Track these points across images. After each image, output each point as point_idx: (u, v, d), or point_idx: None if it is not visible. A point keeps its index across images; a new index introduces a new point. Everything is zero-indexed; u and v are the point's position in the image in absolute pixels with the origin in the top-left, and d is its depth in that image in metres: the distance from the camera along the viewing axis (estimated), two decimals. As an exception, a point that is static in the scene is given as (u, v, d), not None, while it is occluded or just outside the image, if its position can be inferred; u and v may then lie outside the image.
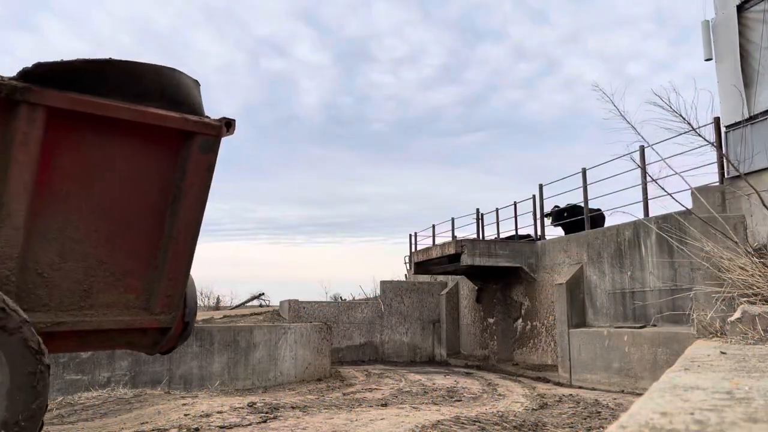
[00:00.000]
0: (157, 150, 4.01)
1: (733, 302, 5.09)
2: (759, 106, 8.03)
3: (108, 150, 3.82)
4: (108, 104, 3.68)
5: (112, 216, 3.94)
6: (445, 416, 5.91)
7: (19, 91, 3.39)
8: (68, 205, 3.75)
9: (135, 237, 4.04)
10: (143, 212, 4.05)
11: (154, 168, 4.03)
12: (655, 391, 1.76)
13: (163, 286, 4.25)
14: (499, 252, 13.54)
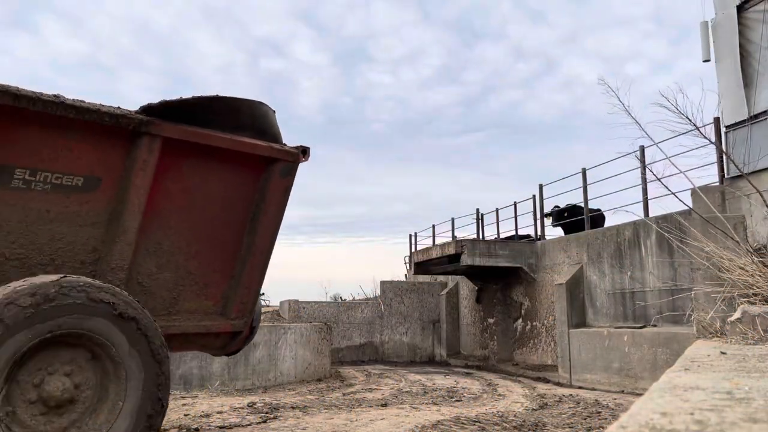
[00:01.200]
0: (244, 174, 4.52)
1: (733, 302, 5.09)
2: (759, 106, 8.03)
3: (205, 174, 4.34)
4: (212, 135, 4.21)
5: (202, 232, 4.44)
6: (445, 416, 5.91)
7: (144, 124, 3.90)
8: (168, 222, 4.25)
9: (218, 250, 4.54)
10: (227, 228, 4.55)
11: (240, 189, 4.53)
12: (655, 391, 1.76)
13: (239, 294, 4.73)
14: (499, 252, 13.54)
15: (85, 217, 3.92)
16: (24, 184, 3.68)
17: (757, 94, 8.07)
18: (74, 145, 3.79)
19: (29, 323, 3.27)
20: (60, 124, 3.70)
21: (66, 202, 3.85)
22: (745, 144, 8.08)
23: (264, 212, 4.60)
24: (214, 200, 4.42)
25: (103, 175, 3.92)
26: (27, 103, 3.53)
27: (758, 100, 8.05)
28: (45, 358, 3.48)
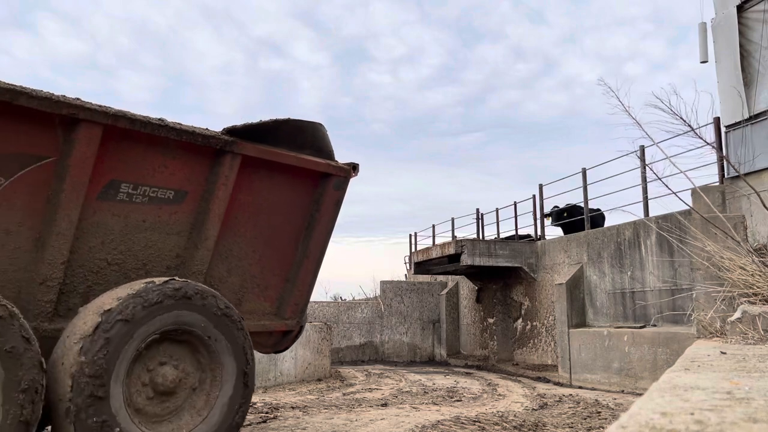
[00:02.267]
0: (303, 187, 5.03)
1: (733, 302, 5.09)
2: (759, 106, 8.03)
3: (271, 187, 4.83)
4: (282, 153, 4.72)
5: (265, 239, 4.91)
6: (445, 416, 5.91)
7: (228, 144, 4.41)
8: (239, 230, 4.73)
9: (277, 256, 5.01)
10: (285, 236, 5.04)
11: (299, 201, 5.04)
12: (655, 391, 1.76)
13: (293, 296, 5.20)
14: (499, 252, 13.54)
15: (172, 227, 4.40)
16: (127, 197, 4.16)
17: (757, 94, 8.07)
18: (169, 162, 4.28)
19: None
20: (160, 143, 4.19)
21: (158, 213, 4.32)
22: (745, 144, 8.08)
23: (318, 221, 5.13)
24: (276, 210, 4.92)
25: (190, 188, 4.41)
26: (139, 126, 4.01)
27: (758, 100, 8.05)
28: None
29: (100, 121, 3.85)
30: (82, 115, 3.77)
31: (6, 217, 3.74)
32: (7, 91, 3.50)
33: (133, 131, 4.01)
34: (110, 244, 4.17)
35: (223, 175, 4.43)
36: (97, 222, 4.06)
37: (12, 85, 3.57)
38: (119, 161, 4.04)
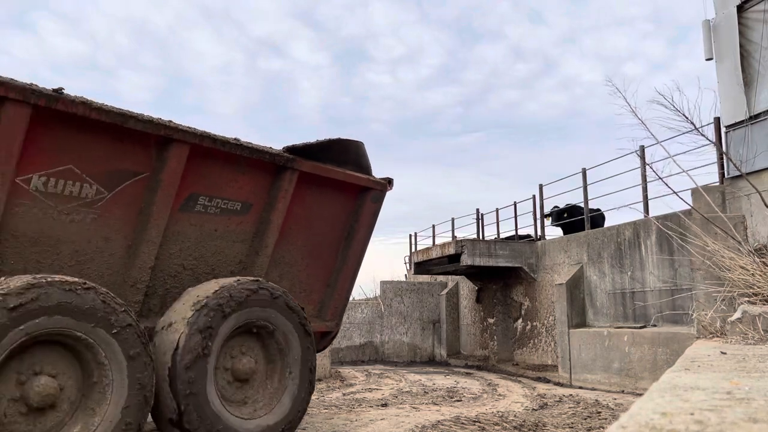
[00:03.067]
0: (346, 199, 5.54)
1: (733, 302, 5.09)
2: (759, 106, 8.02)
3: (320, 200, 5.32)
4: (332, 169, 5.25)
5: (311, 247, 5.39)
6: (445, 416, 5.91)
7: (289, 161, 4.92)
8: (291, 239, 5.20)
9: (321, 262, 5.48)
10: (328, 244, 5.53)
11: (341, 213, 5.54)
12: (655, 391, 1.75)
13: (334, 299, 5.69)
14: (499, 252, 13.54)
15: (238, 235, 4.87)
16: (203, 209, 4.60)
17: (758, 94, 8.06)
18: (239, 177, 4.74)
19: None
20: (234, 160, 4.64)
21: (227, 223, 4.78)
22: (745, 144, 8.08)
23: (357, 231, 5.65)
24: (322, 221, 5.41)
25: (254, 200, 4.88)
26: (219, 145, 4.47)
27: (758, 100, 8.04)
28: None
29: (188, 140, 4.30)
30: (175, 136, 4.21)
31: (106, 226, 4.14)
32: (119, 114, 3.91)
33: (214, 149, 4.47)
34: (186, 250, 4.63)
35: (283, 189, 4.93)
36: (177, 231, 4.50)
37: (122, 110, 3.96)
38: (199, 176, 4.49)
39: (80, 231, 4.02)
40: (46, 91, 3.63)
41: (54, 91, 3.68)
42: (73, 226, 3.98)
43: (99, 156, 3.98)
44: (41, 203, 3.81)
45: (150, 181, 4.22)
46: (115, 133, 3.99)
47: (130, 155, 4.11)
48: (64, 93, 3.70)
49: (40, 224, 3.82)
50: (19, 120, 3.52)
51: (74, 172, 3.88)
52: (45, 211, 3.84)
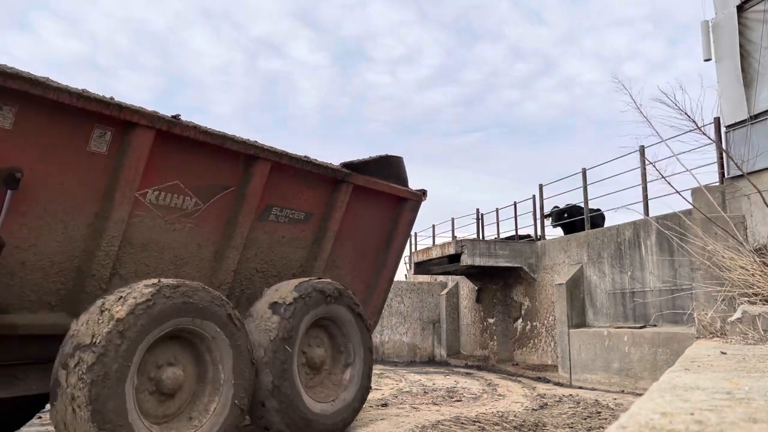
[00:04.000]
0: (387, 208, 6.14)
1: (733, 302, 5.09)
2: (759, 106, 8.02)
3: (366, 208, 5.90)
4: (378, 182, 5.93)
5: (357, 252, 5.97)
6: (445, 416, 5.90)
7: (346, 176, 5.58)
8: (342, 245, 5.78)
9: (364, 266, 6.08)
10: (371, 249, 6.14)
11: (382, 220, 6.16)
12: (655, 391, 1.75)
13: (373, 299, 6.28)
14: (499, 252, 13.54)
15: (300, 242, 5.44)
16: (275, 218, 5.17)
17: (757, 94, 8.06)
18: (304, 189, 5.32)
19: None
20: (302, 175, 5.24)
21: (293, 231, 5.35)
22: (744, 144, 8.08)
23: (395, 237, 6.27)
24: (367, 228, 6.00)
25: (315, 210, 5.46)
26: (294, 162, 5.08)
27: (758, 100, 8.04)
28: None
29: (270, 158, 4.86)
30: (260, 155, 4.78)
31: (200, 234, 4.67)
32: (219, 136, 4.47)
33: (289, 166, 5.06)
34: (260, 255, 5.16)
35: (339, 200, 5.56)
36: (254, 238, 5.04)
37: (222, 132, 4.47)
38: (275, 189, 5.04)
39: (179, 238, 4.54)
40: (167, 117, 4.13)
41: (173, 117, 4.19)
42: (174, 234, 4.49)
43: (199, 172, 4.53)
44: (153, 214, 4.32)
45: (237, 193, 4.78)
46: (213, 152, 4.54)
47: (222, 171, 4.66)
48: (180, 119, 4.25)
49: (150, 233, 4.34)
50: (145, 143, 4.03)
51: (179, 186, 4.43)
52: (155, 221, 4.35)
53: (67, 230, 3.90)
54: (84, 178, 3.89)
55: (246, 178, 4.78)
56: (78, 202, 3.91)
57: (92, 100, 3.76)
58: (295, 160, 5.08)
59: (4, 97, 3.40)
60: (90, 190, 3.94)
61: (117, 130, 3.94)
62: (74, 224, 3.92)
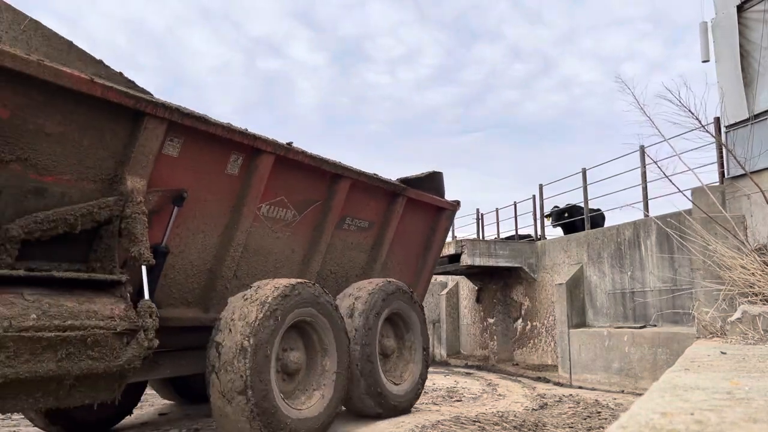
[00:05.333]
0: (427, 217, 6.91)
1: (733, 301, 5.09)
2: (759, 106, 8.02)
3: (412, 217, 6.63)
4: (425, 194, 6.71)
5: (403, 255, 6.72)
6: (445, 416, 5.90)
7: (403, 190, 6.36)
8: (393, 250, 6.50)
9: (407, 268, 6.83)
10: (414, 253, 6.90)
11: (424, 228, 6.91)
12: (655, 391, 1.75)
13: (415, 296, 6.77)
14: (499, 252, 13.54)
15: (362, 247, 6.18)
16: (347, 226, 5.88)
17: (757, 94, 8.06)
18: (370, 202, 6.05)
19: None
20: (370, 190, 5.98)
21: (359, 238, 6.08)
22: (745, 144, 8.08)
23: (433, 242, 7.04)
24: (412, 234, 6.72)
25: (376, 220, 6.19)
26: (366, 179, 5.85)
27: (758, 100, 8.04)
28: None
29: (351, 176, 5.61)
30: (344, 174, 5.54)
31: (294, 241, 5.38)
32: (318, 159, 5.22)
33: (363, 182, 5.81)
34: (334, 259, 5.87)
35: (395, 211, 6.31)
36: (332, 243, 5.75)
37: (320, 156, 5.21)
38: (350, 202, 5.73)
39: (280, 244, 5.26)
40: (284, 144, 4.94)
41: (287, 144, 4.98)
42: (277, 241, 5.22)
43: (297, 188, 5.26)
44: (264, 225, 5.05)
45: (323, 206, 5.52)
46: (308, 171, 5.26)
47: (314, 187, 5.38)
48: (293, 145, 5.04)
49: (261, 240, 5.06)
50: (266, 166, 4.77)
51: (284, 201, 5.16)
52: (264, 231, 5.08)
53: (205, 239, 4.63)
54: (220, 196, 4.63)
55: (331, 193, 5.54)
56: (214, 215, 4.65)
57: (235, 132, 4.47)
58: (368, 177, 5.89)
59: (176, 132, 4.09)
60: (223, 205, 4.68)
61: (247, 155, 4.68)
62: (210, 234, 4.66)
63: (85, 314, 3.51)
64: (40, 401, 3.43)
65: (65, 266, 3.74)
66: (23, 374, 3.19)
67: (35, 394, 3.37)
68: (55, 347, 3.32)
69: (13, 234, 3.37)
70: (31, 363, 3.22)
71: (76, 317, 3.45)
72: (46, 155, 3.49)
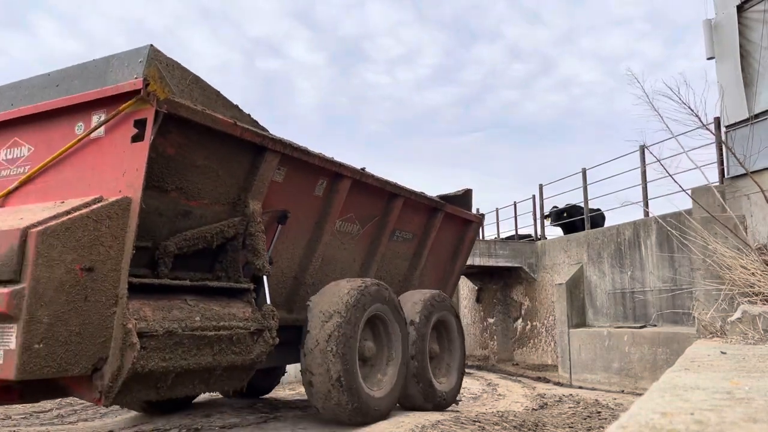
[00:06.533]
0: (457, 230, 7.58)
1: (733, 301, 5.09)
2: (759, 106, 8.02)
3: (446, 230, 7.26)
4: (459, 209, 7.40)
5: (435, 263, 7.33)
6: (445, 416, 5.89)
7: (441, 206, 7.00)
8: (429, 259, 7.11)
9: (438, 274, 7.48)
10: (444, 261, 7.57)
11: (453, 238, 7.56)
12: (655, 391, 1.76)
13: None
14: (499, 252, 13.54)
15: (405, 256, 6.83)
16: (396, 238, 6.54)
17: (758, 94, 8.06)
18: (413, 216, 6.67)
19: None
20: (415, 206, 6.59)
21: (403, 248, 6.75)
22: (745, 144, 8.08)
23: (461, 252, 7.76)
24: (443, 244, 7.34)
25: (417, 232, 6.84)
26: (415, 196, 6.49)
27: (758, 100, 8.04)
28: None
29: (405, 195, 6.28)
30: (401, 193, 6.22)
31: (355, 251, 6.04)
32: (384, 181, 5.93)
33: (412, 199, 6.43)
34: (384, 267, 6.50)
35: (434, 225, 6.94)
36: (383, 253, 6.37)
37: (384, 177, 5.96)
38: (400, 217, 6.35)
39: (345, 255, 5.93)
40: (359, 169, 5.63)
41: (362, 169, 5.67)
42: (343, 252, 5.89)
43: (363, 205, 5.89)
44: (336, 238, 5.70)
45: (380, 221, 6.18)
46: (373, 191, 5.93)
47: (374, 204, 6.04)
48: (365, 170, 5.73)
49: (333, 251, 5.72)
50: (345, 188, 5.46)
51: (352, 217, 5.84)
52: (335, 243, 5.73)
53: (294, 250, 5.34)
54: (307, 214, 5.34)
55: (387, 210, 6.22)
56: (302, 231, 5.35)
57: (326, 161, 5.18)
58: (417, 195, 6.55)
59: (284, 162, 4.78)
60: (309, 222, 5.38)
61: (330, 179, 5.37)
62: (299, 246, 5.37)
63: (229, 316, 4.23)
64: (197, 388, 4.28)
65: (198, 275, 4.39)
66: (192, 366, 3.91)
67: (195, 381, 4.13)
68: (212, 344, 4.05)
69: (170, 249, 4.08)
70: (197, 357, 3.94)
71: (224, 319, 4.17)
72: (193, 184, 4.20)
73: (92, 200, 3.52)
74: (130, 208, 3.55)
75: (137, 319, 3.56)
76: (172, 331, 3.72)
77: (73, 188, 3.77)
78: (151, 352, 3.59)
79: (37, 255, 3.16)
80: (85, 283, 3.38)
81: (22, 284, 3.14)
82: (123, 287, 3.52)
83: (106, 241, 3.46)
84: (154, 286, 3.87)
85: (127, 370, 3.47)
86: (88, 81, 3.84)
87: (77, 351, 3.37)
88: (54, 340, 3.25)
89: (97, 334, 3.44)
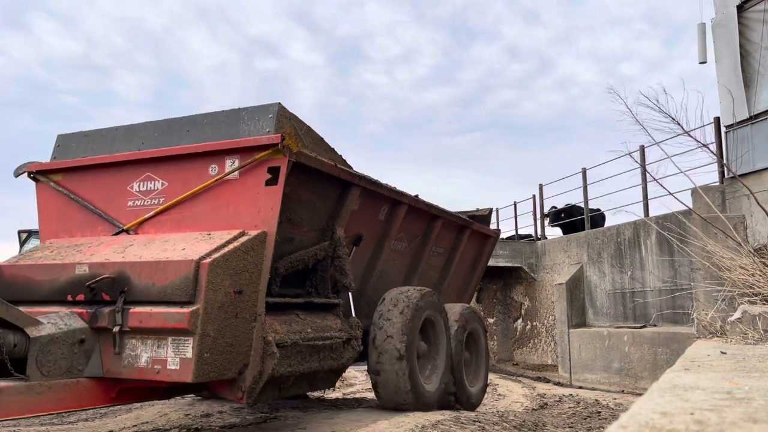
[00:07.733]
0: (478, 243, 8.19)
1: (733, 302, 5.09)
2: (759, 106, 8.03)
3: (469, 243, 7.80)
4: (482, 226, 8.10)
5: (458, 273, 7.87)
6: (445, 416, 5.89)
7: (470, 224, 7.64)
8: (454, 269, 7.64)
9: (459, 282, 8.06)
10: (465, 271, 8.14)
11: (474, 251, 8.16)
12: (655, 391, 1.76)
13: None
14: (499, 252, 13.53)
15: (437, 268, 7.39)
16: (433, 252, 7.08)
17: (757, 94, 8.07)
18: (447, 234, 7.25)
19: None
20: (450, 224, 7.18)
21: (437, 260, 7.30)
22: (745, 144, 8.08)
23: (479, 263, 8.40)
24: (465, 255, 7.88)
25: (447, 246, 7.40)
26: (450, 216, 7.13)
27: (758, 100, 8.05)
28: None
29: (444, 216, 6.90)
30: (441, 215, 6.84)
31: (401, 265, 6.61)
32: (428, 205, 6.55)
33: (449, 220, 7.09)
34: (421, 279, 6.97)
35: (462, 240, 7.54)
36: (422, 267, 6.95)
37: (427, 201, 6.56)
38: (438, 234, 6.90)
39: (393, 269, 6.48)
40: (414, 196, 6.29)
41: (415, 196, 6.31)
42: (392, 266, 6.47)
43: (410, 226, 6.43)
44: (388, 254, 6.25)
45: (422, 238, 6.77)
46: (419, 213, 6.51)
47: (418, 224, 6.61)
48: (418, 196, 6.39)
49: (384, 266, 6.28)
50: (402, 213, 6.08)
51: (402, 236, 6.42)
52: (389, 259, 6.32)
53: (360, 264, 5.91)
54: (372, 236, 5.98)
55: (429, 229, 6.81)
56: (367, 250, 5.99)
57: (392, 191, 5.87)
58: (452, 216, 7.20)
59: (361, 194, 5.41)
60: (372, 243, 6.03)
61: (390, 205, 6.00)
62: (362, 264, 5.96)
63: (327, 328, 4.92)
64: (303, 388, 5.25)
65: (294, 292, 4.99)
66: (305, 370, 4.64)
67: (305, 383, 5.02)
68: (319, 351, 4.77)
69: (280, 271, 4.66)
70: (309, 362, 4.67)
71: (326, 330, 4.86)
72: (298, 215, 4.86)
73: (238, 234, 4.22)
74: (266, 240, 4.30)
75: (273, 332, 4.29)
76: (296, 342, 4.46)
77: (207, 221, 4.47)
78: (282, 360, 4.29)
79: (208, 281, 3.83)
80: (237, 303, 4.07)
81: (197, 305, 3.79)
82: (261, 306, 4.23)
83: (250, 268, 4.17)
84: (277, 304, 4.56)
85: (267, 374, 4.19)
86: (219, 129, 4.56)
87: (230, 359, 4.03)
88: (217, 350, 3.91)
89: (242, 345, 4.11)
